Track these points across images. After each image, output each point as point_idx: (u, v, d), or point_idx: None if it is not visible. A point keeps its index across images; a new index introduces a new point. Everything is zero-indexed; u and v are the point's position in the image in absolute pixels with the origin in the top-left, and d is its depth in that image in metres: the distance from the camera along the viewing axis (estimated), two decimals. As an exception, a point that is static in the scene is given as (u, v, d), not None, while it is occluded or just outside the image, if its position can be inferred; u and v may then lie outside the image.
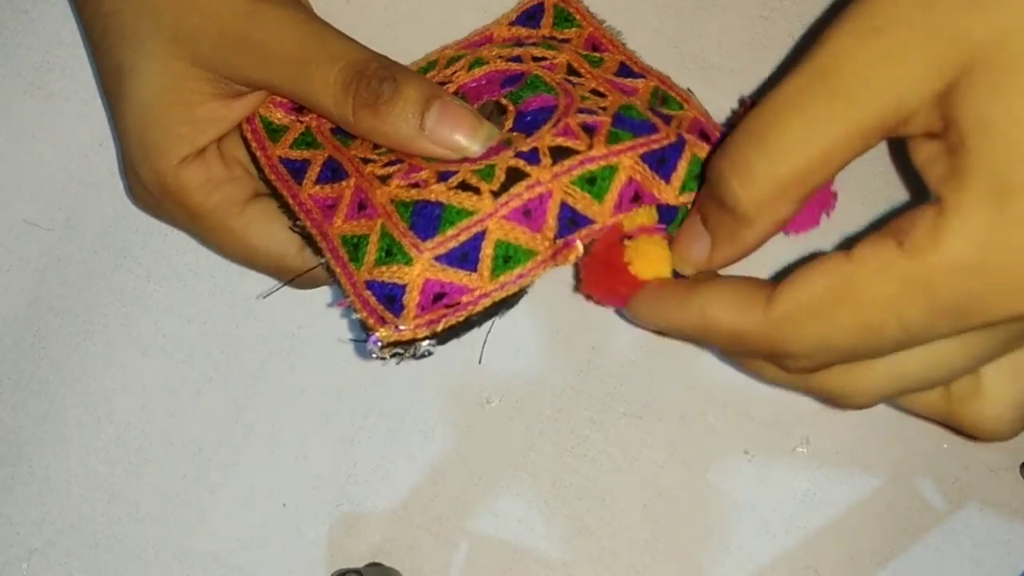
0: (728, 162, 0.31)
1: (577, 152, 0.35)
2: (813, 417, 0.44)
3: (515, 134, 0.36)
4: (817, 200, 0.35)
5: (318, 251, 0.37)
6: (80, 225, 0.45)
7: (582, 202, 0.35)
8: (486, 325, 0.44)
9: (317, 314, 0.44)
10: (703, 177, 0.36)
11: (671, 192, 0.36)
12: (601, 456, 0.44)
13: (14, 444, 0.44)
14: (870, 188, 0.45)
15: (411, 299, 0.34)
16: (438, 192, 0.35)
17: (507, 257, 0.35)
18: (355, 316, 0.35)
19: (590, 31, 0.42)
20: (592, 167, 0.35)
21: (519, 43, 0.41)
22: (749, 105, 0.37)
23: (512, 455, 0.44)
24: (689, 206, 0.36)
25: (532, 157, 0.35)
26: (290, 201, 0.38)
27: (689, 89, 0.40)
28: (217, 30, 0.36)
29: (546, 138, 0.35)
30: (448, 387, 0.44)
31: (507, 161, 0.35)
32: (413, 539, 0.43)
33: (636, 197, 0.36)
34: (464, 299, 0.34)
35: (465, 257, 0.34)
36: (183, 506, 0.44)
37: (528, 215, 0.35)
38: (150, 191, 0.38)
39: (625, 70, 0.40)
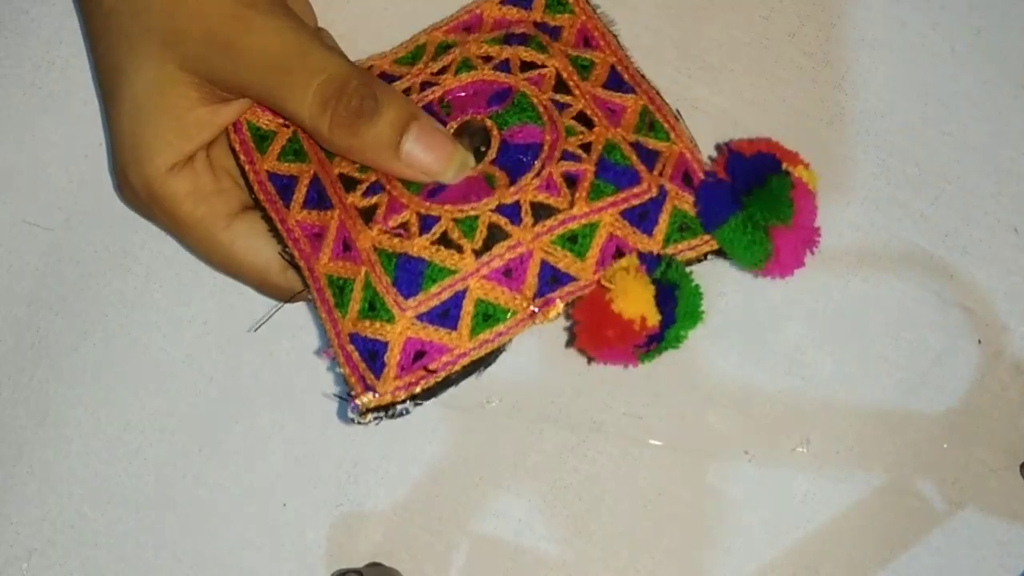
0: None
1: (559, 211, 0.36)
2: (813, 417, 0.44)
3: (497, 172, 0.36)
4: (802, 240, 0.36)
5: (306, 284, 0.37)
6: (80, 225, 0.45)
7: (563, 261, 0.36)
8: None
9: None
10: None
11: (655, 244, 0.37)
12: (601, 456, 0.44)
13: (14, 444, 0.44)
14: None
15: (392, 357, 0.35)
16: (420, 247, 0.35)
17: (487, 315, 0.35)
18: (339, 370, 0.36)
19: (582, 20, 0.42)
20: (573, 226, 0.36)
21: (509, 33, 0.40)
22: (728, 152, 0.37)
23: (512, 455, 0.43)
24: (674, 255, 0.37)
25: (514, 215, 0.35)
26: (279, 226, 0.38)
27: (678, 111, 0.40)
28: (203, 32, 0.36)
29: (528, 192, 0.36)
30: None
31: (489, 216, 0.35)
32: (413, 539, 0.43)
33: (618, 252, 0.36)
34: (443, 359, 0.35)
35: (446, 314, 0.35)
36: (183, 506, 0.44)
37: (508, 275, 0.35)
38: (138, 195, 0.38)
39: (615, 79, 0.40)
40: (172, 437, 0.44)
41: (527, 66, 0.39)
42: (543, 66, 0.39)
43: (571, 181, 0.36)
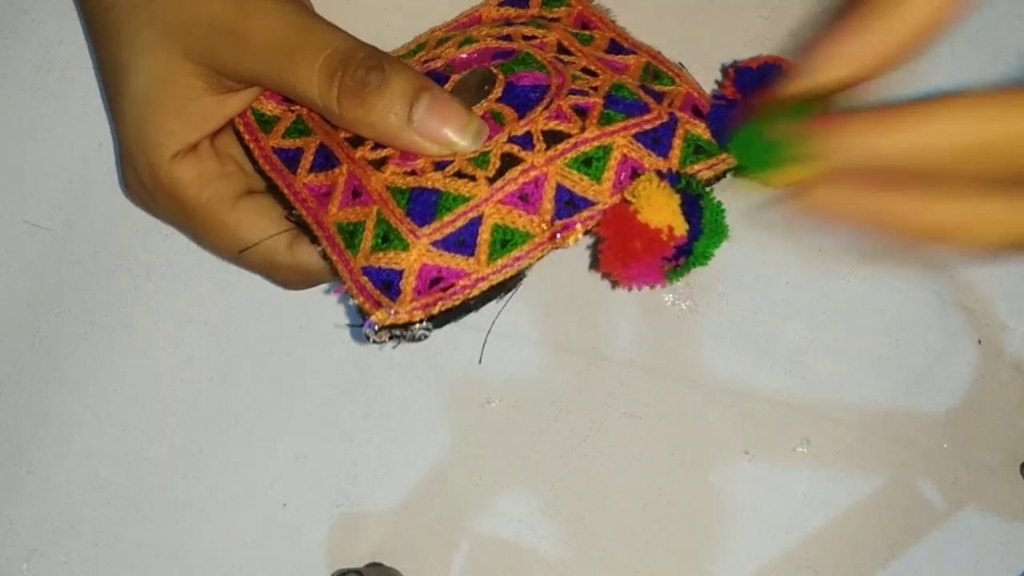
0: None
1: (570, 135, 0.35)
2: (813, 417, 0.44)
3: (505, 108, 0.36)
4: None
5: (314, 239, 0.36)
6: (80, 225, 0.45)
7: (579, 184, 0.35)
8: (486, 325, 0.44)
9: (317, 314, 0.44)
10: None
11: (671, 166, 0.36)
12: (601, 456, 0.44)
13: (14, 444, 0.44)
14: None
15: (408, 284, 0.34)
16: (435, 180, 0.35)
17: (504, 241, 0.35)
18: (352, 302, 0.35)
19: (579, 9, 0.42)
20: (586, 148, 0.35)
21: (508, 23, 0.41)
22: (734, 74, 0.37)
23: (512, 455, 0.44)
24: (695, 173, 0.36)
25: (526, 142, 0.35)
26: (285, 191, 0.38)
27: (681, 63, 0.40)
28: (207, 21, 0.36)
29: (539, 122, 0.35)
30: (448, 387, 0.44)
31: (501, 147, 0.35)
32: (413, 539, 0.43)
33: (635, 174, 0.36)
34: (461, 283, 0.34)
35: (463, 242, 0.35)
36: (183, 506, 0.44)
37: (525, 199, 0.35)
38: (144, 184, 0.38)
39: (615, 47, 0.40)
40: (172, 437, 0.44)
41: (528, 39, 0.39)
42: (544, 37, 0.39)
43: (581, 111, 0.36)
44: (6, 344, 0.44)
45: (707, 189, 0.36)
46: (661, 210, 0.34)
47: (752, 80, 0.37)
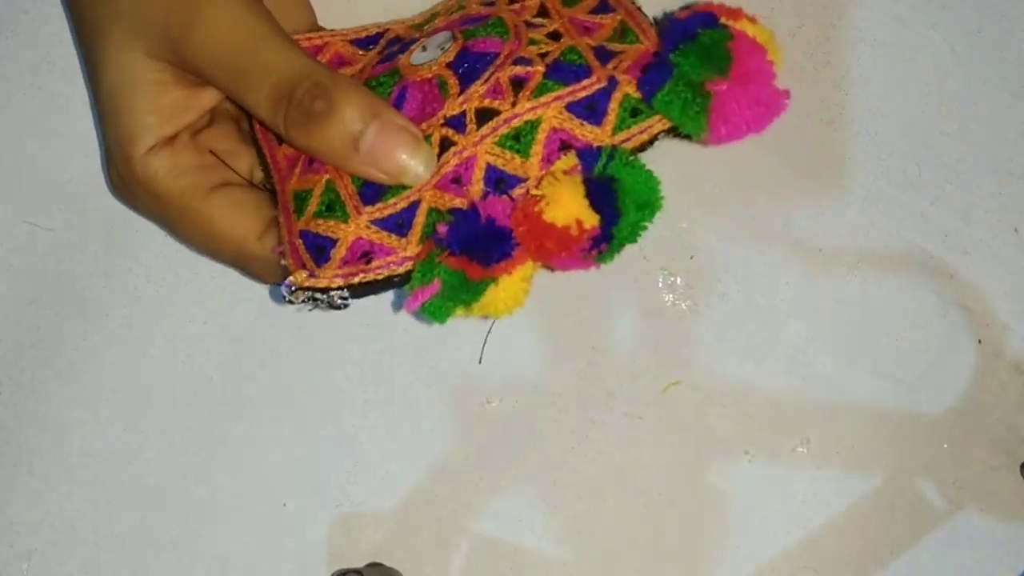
0: None
1: (500, 112, 0.35)
2: (813, 417, 0.44)
3: (451, 78, 0.36)
4: (750, 96, 0.34)
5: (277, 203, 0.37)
6: (80, 225, 0.45)
7: (510, 162, 0.35)
8: (486, 325, 0.44)
9: (317, 314, 0.44)
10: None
11: (604, 134, 0.36)
12: (601, 456, 0.44)
13: (14, 444, 0.44)
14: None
15: (338, 253, 0.35)
16: None
17: (437, 222, 0.35)
18: (282, 262, 0.35)
19: None
20: (516, 123, 0.35)
21: None
22: (661, 27, 0.36)
23: (512, 455, 0.43)
24: (625, 145, 0.35)
25: (459, 124, 0.36)
26: (269, 160, 0.38)
27: (654, 18, 0.39)
28: (163, 23, 0.35)
29: (474, 100, 0.36)
30: (448, 387, 0.44)
31: (439, 131, 0.36)
32: (413, 539, 0.43)
33: (564, 146, 0.35)
34: (388, 259, 0.35)
35: (400, 224, 0.35)
36: (183, 506, 0.44)
37: (457, 181, 0.35)
38: (123, 178, 0.38)
39: (603, 6, 0.40)
40: (172, 437, 0.44)
41: (513, 2, 0.40)
42: (528, 0, 0.40)
43: (518, 83, 0.36)
44: (6, 344, 0.44)
45: (634, 160, 0.35)
46: (565, 207, 0.34)
47: (676, 30, 0.35)
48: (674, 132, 0.36)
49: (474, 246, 0.34)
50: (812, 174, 0.45)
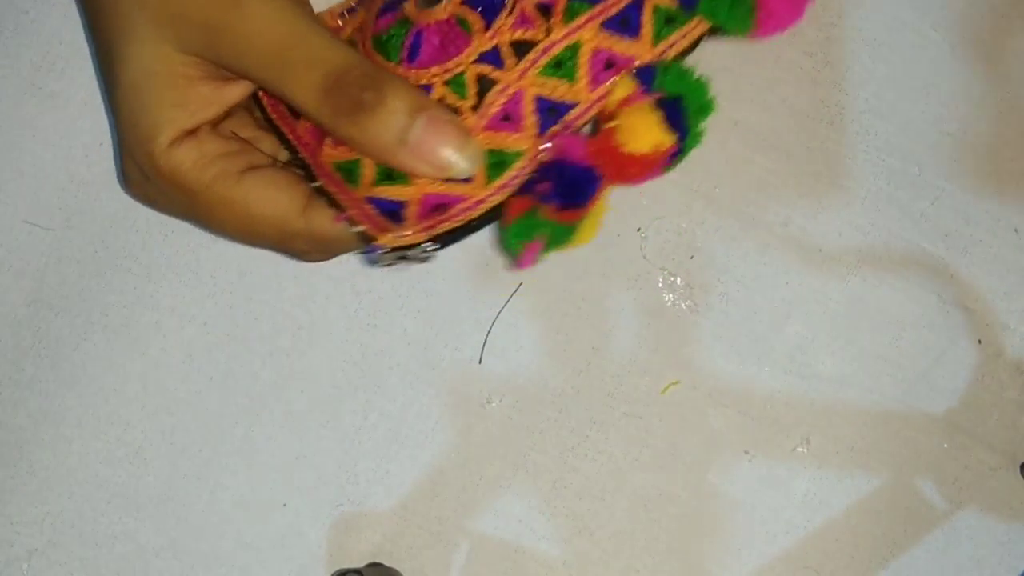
0: None
1: (536, 42, 0.36)
2: (813, 417, 0.44)
3: (470, 15, 0.36)
4: None
5: (312, 179, 0.37)
6: (80, 225, 0.45)
7: (557, 89, 0.36)
8: (486, 325, 0.44)
9: (317, 314, 0.44)
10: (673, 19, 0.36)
11: (645, 47, 0.36)
12: (601, 456, 0.44)
13: (14, 444, 0.44)
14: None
15: (411, 211, 0.35)
16: None
17: (498, 163, 0.36)
18: (355, 229, 0.35)
19: None
20: (555, 52, 0.36)
21: None
22: None
23: (512, 455, 0.44)
24: (668, 58, 0.36)
25: (495, 59, 0.36)
26: (289, 136, 0.38)
27: None
28: (201, 17, 0.35)
29: (505, 32, 0.36)
30: (448, 387, 0.44)
31: (473, 69, 0.36)
32: (413, 539, 0.43)
33: (609, 64, 0.36)
34: (461, 206, 0.35)
35: None
36: (183, 506, 0.44)
37: (508, 119, 0.36)
38: (145, 175, 0.37)
39: None
40: (172, 437, 0.44)
41: None
42: None
43: (545, 9, 0.36)
44: (6, 344, 0.44)
45: (685, 69, 0.36)
46: (645, 135, 0.35)
47: None
48: (713, 33, 0.37)
49: (573, 194, 0.35)
50: (812, 174, 0.45)
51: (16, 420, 0.44)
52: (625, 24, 0.36)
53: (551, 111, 0.36)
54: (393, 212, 0.35)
